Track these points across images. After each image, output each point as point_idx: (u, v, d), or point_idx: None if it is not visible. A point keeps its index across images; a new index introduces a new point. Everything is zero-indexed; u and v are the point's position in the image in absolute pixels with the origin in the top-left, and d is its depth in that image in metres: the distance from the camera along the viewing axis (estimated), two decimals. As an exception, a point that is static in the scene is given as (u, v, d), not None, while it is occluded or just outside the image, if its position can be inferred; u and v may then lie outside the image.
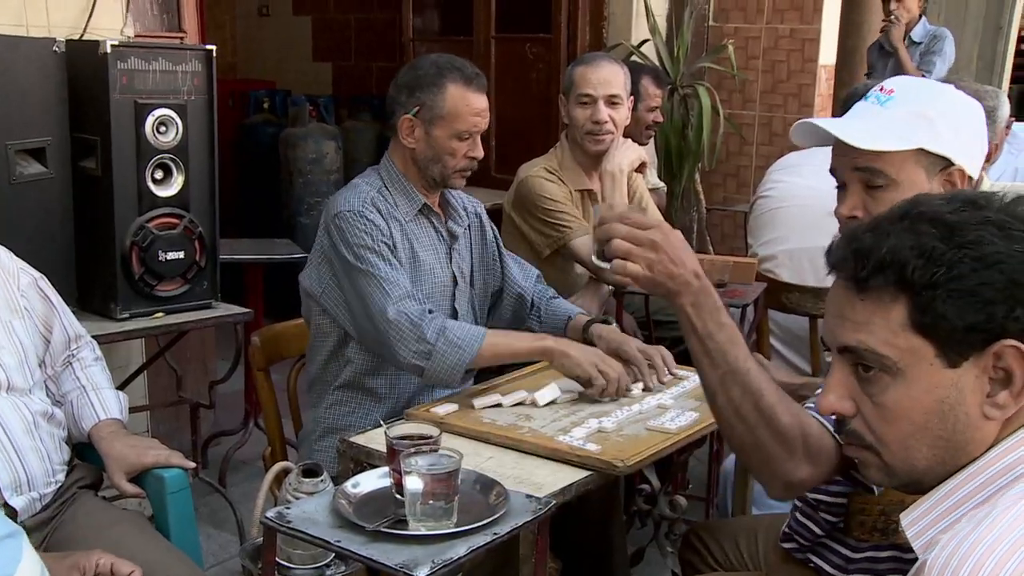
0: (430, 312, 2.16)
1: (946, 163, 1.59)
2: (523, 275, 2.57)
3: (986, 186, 2.46)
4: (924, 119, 1.58)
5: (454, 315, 2.39)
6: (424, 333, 2.11)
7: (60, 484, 2.00)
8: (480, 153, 2.33)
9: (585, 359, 2.14)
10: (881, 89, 1.65)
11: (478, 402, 2.14)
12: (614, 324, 2.41)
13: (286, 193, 5.64)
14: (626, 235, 1.43)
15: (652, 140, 4.17)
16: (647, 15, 4.64)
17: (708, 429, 2.12)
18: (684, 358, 2.69)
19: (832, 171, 1.70)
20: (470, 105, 2.27)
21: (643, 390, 2.24)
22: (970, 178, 1.62)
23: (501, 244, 2.57)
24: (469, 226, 2.49)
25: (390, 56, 6.31)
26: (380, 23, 6.62)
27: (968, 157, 1.61)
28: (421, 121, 2.28)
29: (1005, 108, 2.57)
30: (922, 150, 1.58)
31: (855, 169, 1.62)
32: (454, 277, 2.40)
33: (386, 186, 2.33)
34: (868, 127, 1.61)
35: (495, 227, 2.58)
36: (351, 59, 7.02)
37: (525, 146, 3.96)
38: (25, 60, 2.69)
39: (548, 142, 3.38)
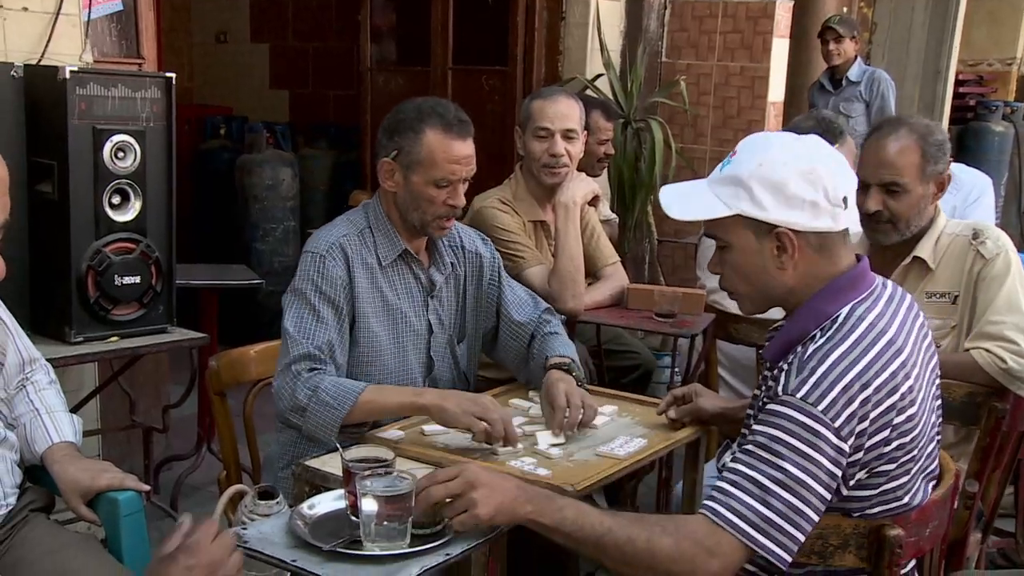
0: (314, 369, 2.14)
1: (772, 226, 1.63)
2: (527, 310, 2.51)
3: (943, 221, 2.56)
4: (743, 186, 1.62)
5: (430, 363, 2.39)
6: (298, 402, 2.11)
7: (11, 507, 2.00)
8: (461, 201, 2.28)
9: (461, 410, 2.01)
10: (733, 152, 1.70)
11: (429, 428, 2.18)
12: (576, 370, 2.32)
13: (242, 219, 5.65)
14: (444, 494, 1.58)
15: (605, 172, 4.26)
16: (602, 50, 4.73)
17: (656, 455, 2.18)
18: (632, 387, 2.79)
19: None
20: (448, 152, 2.22)
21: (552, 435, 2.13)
22: (814, 233, 1.63)
23: (504, 283, 2.51)
24: (463, 269, 2.46)
25: (347, 85, 6.37)
26: (338, 52, 6.67)
27: (795, 216, 1.62)
28: (399, 165, 2.26)
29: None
30: (741, 216, 1.64)
31: (705, 233, 1.76)
32: (430, 325, 2.38)
33: (370, 227, 2.32)
34: (690, 196, 1.73)
35: (500, 265, 2.53)
36: (308, 87, 7.07)
37: (480, 177, 4.01)
38: (-18, 84, 2.70)
39: (503, 173, 3.44)
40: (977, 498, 2.19)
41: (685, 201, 1.73)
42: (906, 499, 1.66)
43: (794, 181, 1.61)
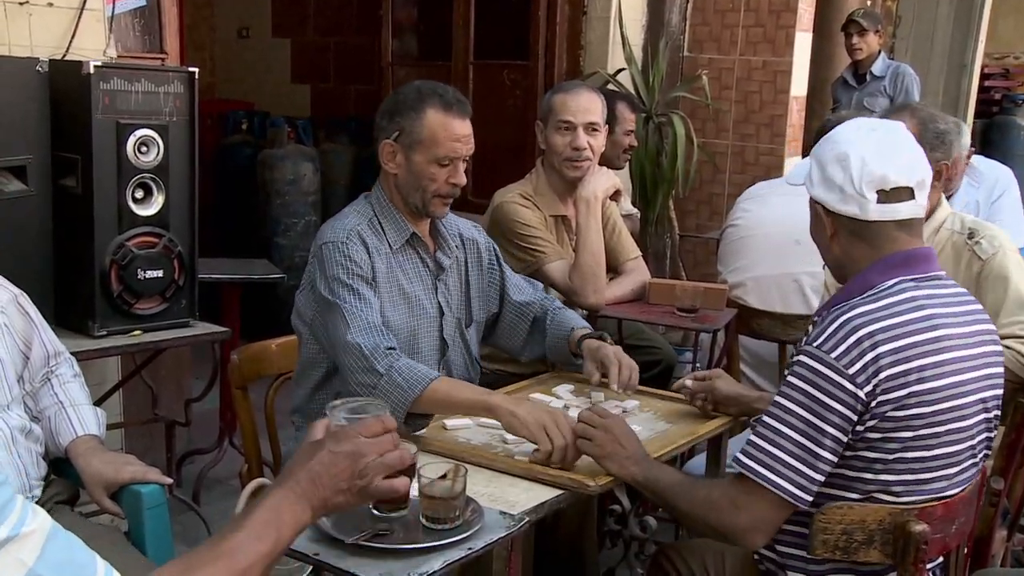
0: (390, 349, 2.16)
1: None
2: (527, 291, 2.58)
3: (944, 213, 2.54)
4: (811, 160, 1.82)
5: (443, 345, 2.41)
6: (374, 366, 2.12)
7: (37, 499, 2.02)
8: (462, 180, 2.33)
9: (533, 421, 1.98)
10: None
11: (451, 422, 2.18)
12: (608, 339, 2.41)
13: (263, 213, 5.66)
14: (580, 431, 1.94)
15: (627, 167, 4.24)
16: (623, 44, 4.72)
17: (678, 450, 2.18)
18: (653, 382, 2.78)
19: None
20: (449, 130, 2.27)
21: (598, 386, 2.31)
22: (848, 218, 1.75)
23: (503, 266, 2.57)
24: (464, 255, 2.50)
25: (368, 79, 6.37)
26: (359, 47, 6.68)
27: (828, 195, 1.76)
28: (401, 146, 2.30)
29: (965, 137, 2.65)
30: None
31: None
32: (440, 308, 2.41)
33: (376, 215, 2.35)
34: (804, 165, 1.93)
35: (496, 249, 2.59)
36: (330, 82, 7.08)
37: (501, 171, 4.02)
38: (8, 79, 2.71)
39: (524, 167, 3.44)
40: (1003, 495, 2.17)
41: (800, 170, 1.93)
42: (930, 480, 1.66)
43: (831, 163, 1.73)
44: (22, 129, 2.76)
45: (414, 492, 1.61)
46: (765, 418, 1.69)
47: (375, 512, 1.61)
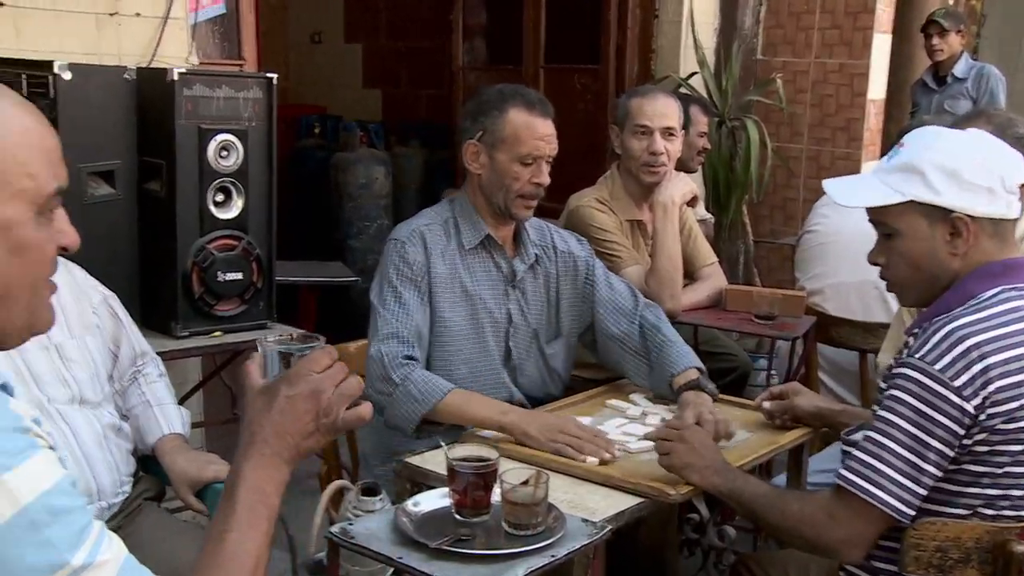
0: (409, 359, 2.18)
1: (946, 212, 1.67)
2: (623, 322, 2.46)
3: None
4: (916, 172, 1.69)
5: (507, 354, 2.41)
6: (390, 375, 2.15)
7: (127, 495, 2.07)
8: (545, 179, 2.33)
9: (544, 437, 2.02)
10: (900, 144, 1.77)
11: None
12: (709, 388, 2.32)
13: (335, 216, 5.73)
14: (660, 442, 1.94)
15: (700, 172, 4.21)
16: (695, 48, 4.68)
17: (759, 460, 2.15)
18: (728, 390, 2.75)
19: None
20: (532, 129, 2.29)
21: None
22: (989, 220, 1.68)
23: (597, 282, 2.49)
24: (555, 267, 2.46)
25: (439, 84, 6.41)
26: (430, 51, 6.72)
27: (971, 202, 1.67)
28: (484, 146, 2.32)
29: None
30: (914, 201, 1.69)
31: (869, 220, 1.78)
32: (509, 315, 2.40)
33: (455, 215, 2.37)
34: (857, 184, 1.84)
35: (595, 266, 2.52)
36: (401, 86, 7.14)
37: (572, 175, 4.00)
38: (98, 87, 2.78)
39: (595, 172, 3.42)
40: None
41: (851, 190, 1.81)
42: None
43: (969, 168, 1.66)
44: (111, 135, 2.82)
45: (496, 497, 1.62)
46: (870, 433, 1.65)
47: (457, 516, 1.62)
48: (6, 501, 0.93)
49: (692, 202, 3.19)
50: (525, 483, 1.60)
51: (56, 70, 2.62)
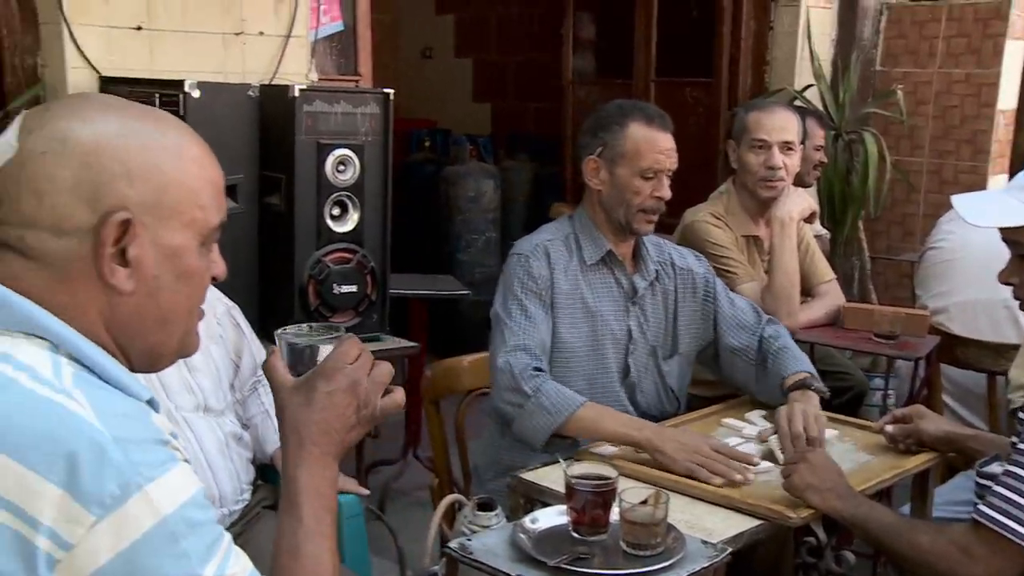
0: (539, 371, 2.17)
1: None
2: (743, 334, 2.45)
3: None
4: None
5: (626, 370, 2.39)
6: (521, 386, 2.12)
7: (246, 503, 2.12)
8: (667, 193, 2.31)
9: (681, 458, 1.98)
10: None
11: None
12: (817, 385, 2.29)
13: (444, 230, 5.79)
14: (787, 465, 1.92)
15: (815, 185, 4.11)
16: (812, 60, 4.58)
17: (882, 484, 2.07)
18: (843, 409, 2.68)
19: None
20: (652, 143, 2.28)
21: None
22: None
23: (719, 298, 2.48)
24: (674, 284, 2.44)
25: (548, 97, 6.42)
26: (539, 65, 6.74)
27: None
28: (604, 161, 2.32)
29: None
30: None
31: (1003, 240, 1.74)
32: (629, 331, 2.38)
33: (575, 231, 2.36)
34: (989, 201, 1.81)
35: (715, 282, 2.51)
36: (510, 100, 7.18)
37: (684, 190, 3.96)
38: (224, 104, 2.88)
39: (707, 186, 3.38)
40: None
41: (983, 207, 1.77)
42: None
43: None
44: (235, 150, 2.91)
45: (614, 516, 1.60)
46: (1011, 467, 1.60)
47: (574, 535, 1.60)
48: (148, 512, 0.96)
49: (810, 218, 3.11)
50: (644, 502, 1.58)
51: (187, 88, 2.73)
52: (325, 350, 1.25)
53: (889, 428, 2.17)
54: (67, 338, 1.03)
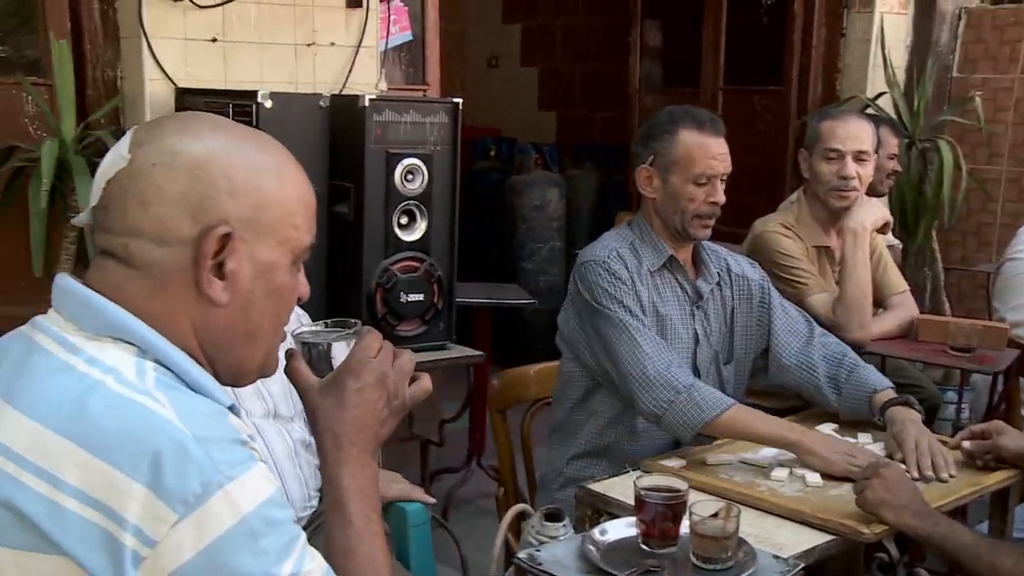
0: (679, 367, 2.17)
1: None
2: (799, 340, 2.44)
3: None
4: None
5: (696, 373, 2.37)
6: (673, 381, 2.12)
7: (314, 509, 2.13)
8: (721, 198, 2.29)
9: (837, 460, 2.01)
10: None
11: (712, 457, 2.13)
12: (915, 404, 2.27)
13: (509, 238, 5.80)
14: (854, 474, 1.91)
15: (887, 195, 4.04)
16: (885, 67, 4.50)
17: (960, 502, 2.03)
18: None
19: None
20: (703, 148, 2.26)
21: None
22: None
23: (773, 306, 2.47)
24: (731, 291, 2.44)
25: (614, 106, 6.41)
26: (606, 73, 6.73)
27: None
28: (657, 170, 2.31)
29: None
30: None
31: None
32: (696, 335, 2.38)
33: (636, 239, 2.36)
34: None
35: (771, 291, 2.49)
36: (576, 108, 7.17)
37: (752, 199, 3.92)
38: (296, 114, 2.92)
39: (775, 195, 3.34)
40: None
41: None
42: None
43: None
44: (306, 160, 2.90)
45: (684, 529, 1.58)
46: None
47: (644, 547, 1.59)
48: (228, 510, 0.98)
49: (883, 228, 3.05)
50: (715, 515, 1.56)
51: (259, 99, 2.77)
52: (341, 346, 1.26)
53: (967, 444, 2.12)
54: (153, 343, 1.06)
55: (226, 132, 1.12)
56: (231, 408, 1.09)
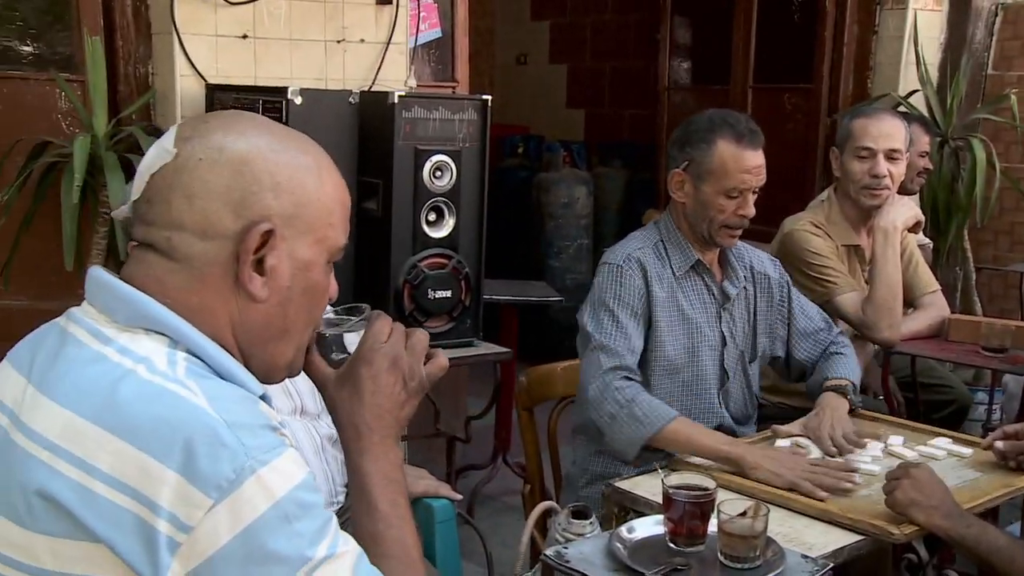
0: (629, 378, 2.17)
1: None
2: (814, 338, 2.47)
3: None
4: None
5: (723, 375, 2.38)
6: (615, 395, 2.13)
7: (341, 504, 2.14)
8: (751, 211, 2.29)
9: (783, 472, 1.95)
10: None
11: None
12: (852, 397, 2.31)
13: (536, 236, 5.80)
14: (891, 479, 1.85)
15: (918, 193, 4.00)
16: (918, 64, 4.45)
17: (991, 503, 2.01)
18: (945, 424, 2.60)
19: None
20: (739, 162, 2.24)
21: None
22: None
23: (792, 304, 2.49)
24: (753, 288, 2.45)
25: (643, 104, 6.39)
26: (634, 71, 6.71)
27: None
28: (690, 176, 2.30)
29: None
30: None
31: None
32: (723, 337, 2.38)
33: (663, 240, 2.36)
34: None
35: (790, 287, 2.51)
36: (604, 106, 7.15)
37: (781, 197, 3.90)
38: (326, 110, 2.93)
39: (805, 194, 3.32)
40: None
41: None
42: None
43: None
44: (335, 156, 2.91)
45: (712, 528, 1.58)
46: None
47: (671, 545, 1.59)
48: (262, 495, 0.99)
49: (915, 228, 3.02)
50: (743, 514, 1.55)
51: (289, 95, 2.78)
52: (352, 335, 1.26)
53: (999, 444, 2.10)
54: (185, 333, 1.07)
55: (269, 131, 1.14)
56: (262, 397, 1.10)
